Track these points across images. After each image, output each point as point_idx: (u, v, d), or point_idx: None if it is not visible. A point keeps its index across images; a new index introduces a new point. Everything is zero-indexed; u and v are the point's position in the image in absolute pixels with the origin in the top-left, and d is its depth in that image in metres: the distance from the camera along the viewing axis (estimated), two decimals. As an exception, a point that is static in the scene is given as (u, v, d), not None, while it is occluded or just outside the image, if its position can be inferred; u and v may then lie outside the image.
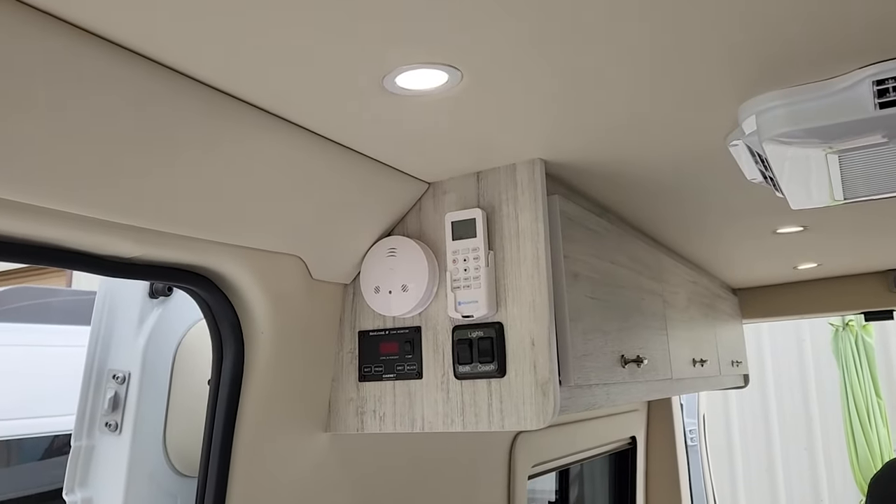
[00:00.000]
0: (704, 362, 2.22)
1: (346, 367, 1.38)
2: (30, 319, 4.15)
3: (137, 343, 1.30)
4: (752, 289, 3.30)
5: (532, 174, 1.26)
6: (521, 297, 1.23)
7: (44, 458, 3.94)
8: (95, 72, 0.78)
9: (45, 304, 4.50)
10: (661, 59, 0.91)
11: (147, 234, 1.00)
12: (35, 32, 0.71)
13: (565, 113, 1.07)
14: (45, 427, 3.88)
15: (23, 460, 3.90)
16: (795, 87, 1.01)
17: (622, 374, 1.50)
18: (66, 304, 4.59)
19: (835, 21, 0.83)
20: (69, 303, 4.64)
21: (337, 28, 0.78)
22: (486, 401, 1.23)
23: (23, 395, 3.78)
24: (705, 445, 3.71)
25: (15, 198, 0.83)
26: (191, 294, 1.18)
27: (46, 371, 3.88)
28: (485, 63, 0.89)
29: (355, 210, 1.27)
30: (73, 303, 4.64)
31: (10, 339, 3.83)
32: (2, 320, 3.95)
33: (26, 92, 0.74)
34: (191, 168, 0.96)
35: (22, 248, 0.92)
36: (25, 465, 3.90)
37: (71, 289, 6.14)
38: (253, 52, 0.82)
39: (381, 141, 1.14)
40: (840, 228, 2.08)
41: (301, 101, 0.97)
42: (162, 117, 0.88)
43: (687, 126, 1.16)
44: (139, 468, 1.27)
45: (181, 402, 1.34)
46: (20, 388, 3.76)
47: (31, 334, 3.99)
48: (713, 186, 1.55)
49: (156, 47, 0.80)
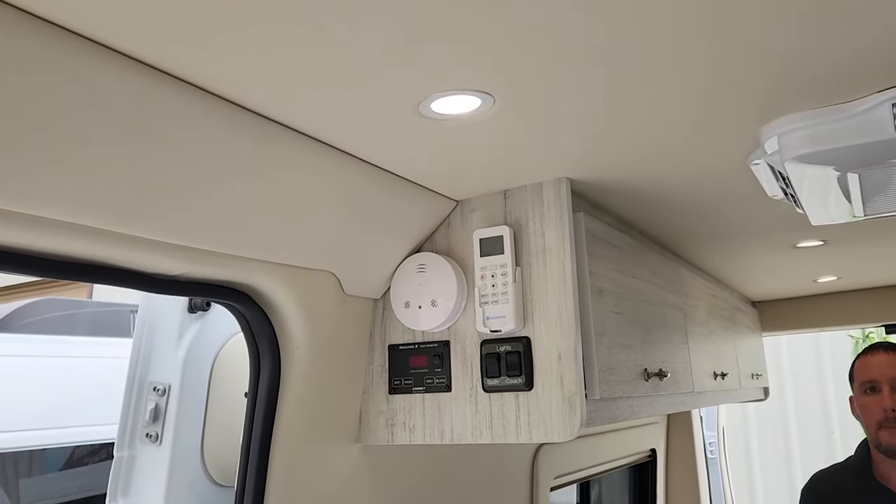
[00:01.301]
0: (725, 375, 2.24)
1: (377, 379, 1.41)
2: (56, 331, 4.22)
3: (177, 356, 1.35)
4: (772, 301, 3.30)
5: (558, 192, 1.30)
6: (548, 313, 1.26)
7: (65, 469, 4.00)
8: (143, 97, 0.82)
9: (71, 316, 4.57)
10: (687, 85, 0.95)
11: (191, 253, 1.05)
12: (98, 67, 0.76)
13: (592, 135, 1.11)
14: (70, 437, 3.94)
15: (46, 470, 3.96)
16: (816, 109, 1.05)
17: (645, 387, 1.53)
18: (91, 316, 4.66)
19: (854, 48, 0.86)
20: (93, 314, 4.71)
21: (379, 59, 0.82)
22: (514, 413, 1.26)
23: (48, 406, 3.84)
24: (725, 458, 3.70)
25: (69, 219, 0.88)
26: (230, 309, 1.23)
27: (73, 382, 3.94)
28: (516, 89, 0.93)
29: (386, 227, 1.31)
30: (96, 314, 4.72)
31: (37, 351, 3.90)
32: (29, 332, 4.02)
33: (88, 124, 0.79)
34: (235, 191, 1.00)
35: (76, 267, 0.97)
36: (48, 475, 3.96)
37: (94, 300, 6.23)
38: (299, 82, 0.87)
39: (412, 161, 1.18)
40: (860, 242, 2.09)
41: (340, 127, 1.01)
42: (213, 145, 0.92)
43: (710, 147, 1.20)
44: (178, 478, 1.31)
45: (217, 413, 1.39)
46: (48, 398, 3.82)
47: (57, 345, 4.05)
48: (734, 203, 1.57)
49: (203, 75, 0.84)
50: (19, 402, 3.67)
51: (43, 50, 0.71)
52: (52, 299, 4.58)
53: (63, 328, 4.28)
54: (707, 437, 3.59)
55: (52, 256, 0.94)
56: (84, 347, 4.14)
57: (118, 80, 0.78)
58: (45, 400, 3.80)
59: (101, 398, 3.94)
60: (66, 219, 0.88)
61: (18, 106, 0.73)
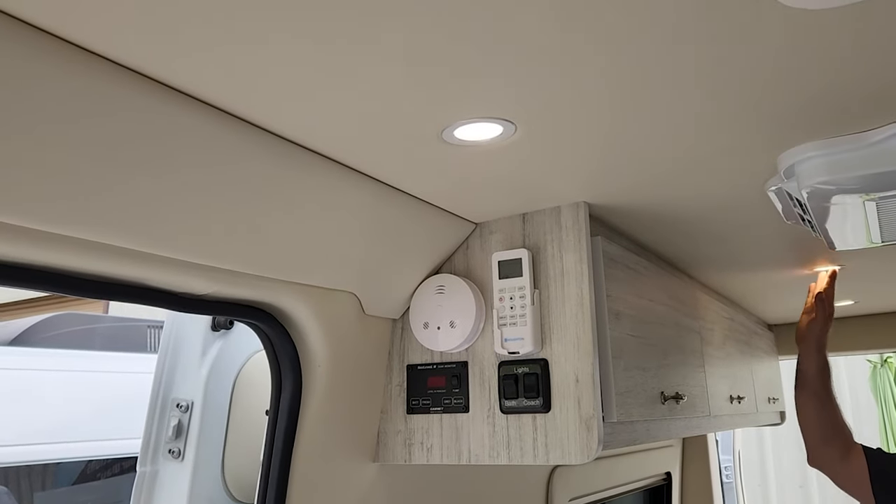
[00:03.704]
0: (742, 399, 2.23)
1: (395, 399, 1.43)
2: (74, 345, 4.26)
3: (200, 373, 1.37)
4: (789, 324, 3.29)
5: (576, 216, 1.32)
6: (566, 335, 1.28)
7: (78, 483, 4.02)
8: (174, 122, 0.85)
9: (88, 331, 4.62)
10: (705, 113, 0.97)
11: (218, 273, 1.07)
12: (121, 87, 0.79)
13: (610, 161, 1.13)
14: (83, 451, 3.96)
15: (59, 484, 3.99)
16: (833, 138, 1.06)
17: (662, 410, 1.53)
18: (108, 330, 4.70)
19: (870, 80, 0.88)
20: (110, 328, 4.76)
21: (405, 88, 0.85)
22: (532, 435, 1.27)
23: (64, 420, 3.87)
24: (741, 482, 3.67)
25: (104, 240, 0.91)
26: (253, 328, 1.25)
27: (89, 396, 3.97)
28: (537, 117, 0.96)
29: (406, 249, 1.34)
30: (114, 328, 4.76)
31: (57, 365, 3.94)
32: (49, 346, 4.07)
33: (121, 149, 0.82)
34: (261, 214, 1.03)
35: (106, 286, 1.00)
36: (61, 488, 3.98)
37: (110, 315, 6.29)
38: (326, 108, 0.89)
39: (434, 185, 1.21)
40: (877, 267, 2.09)
41: (365, 152, 1.04)
42: (241, 169, 0.95)
43: (727, 173, 1.21)
44: (199, 494, 1.33)
45: (239, 430, 1.41)
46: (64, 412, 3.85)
47: (75, 360, 4.09)
48: (750, 227, 1.59)
49: (232, 101, 0.87)
50: (36, 416, 3.71)
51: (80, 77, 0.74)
52: (70, 314, 4.63)
53: (81, 343, 4.32)
54: (723, 461, 3.57)
55: (86, 276, 0.97)
56: (101, 362, 4.18)
57: (149, 106, 0.81)
58: (61, 413, 3.83)
59: (117, 412, 3.97)
60: (102, 240, 0.91)
61: (61, 134, 0.76)
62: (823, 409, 1.83)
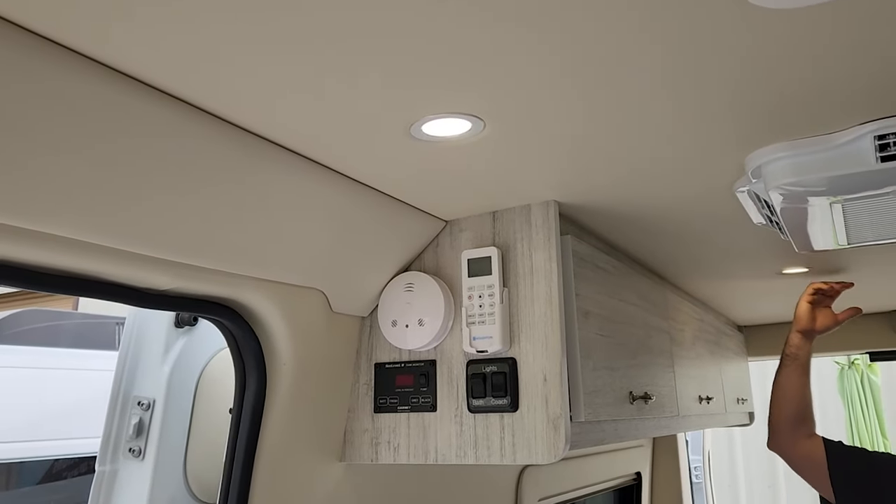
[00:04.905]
0: (710, 399, 2.25)
1: (362, 398, 1.41)
2: (39, 342, 4.18)
3: (162, 371, 1.34)
4: (758, 326, 3.32)
5: (546, 215, 1.31)
6: (534, 334, 1.27)
7: (43, 482, 3.94)
8: (135, 113, 0.83)
9: (55, 328, 4.53)
10: (674, 113, 0.96)
11: (181, 268, 1.05)
12: (86, 80, 0.77)
13: (580, 160, 1.13)
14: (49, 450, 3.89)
15: (24, 483, 3.91)
16: (800, 139, 1.07)
17: (630, 410, 1.53)
18: (75, 327, 4.62)
19: (837, 81, 0.88)
20: (77, 325, 4.68)
21: (371, 82, 0.84)
22: (499, 434, 1.26)
23: (29, 418, 3.80)
24: (710, 482, 3.70)
25: (60, 233, 0.88)
26: (217, 325, 1.23)
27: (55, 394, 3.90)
28: (506, 113, 0.95)
29: (375, 246, 1.32)
30: (81, 325, 4.68)
31: (19, 362, 3.86)
32: (13, 342, 3.99)
33: (77, 138, 0.80)
34: (224, 207, 1.01)
35: (64, 281, 0.97)
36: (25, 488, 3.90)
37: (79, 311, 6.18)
38: (290, 101, 0.88)
39: (402, 181, 1.19)
40: (844, 270, 2.12)
41: (332, 146, 1.02)
42: (202, 161, 0.93)
43: (695, 173, 1.22)
44: (160, 494, 1.30)
45: (202, 429, 1.38)
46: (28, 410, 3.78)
47: (40, 357, 4.01)
48: (720, 228, 1.59)
49: (198, 94, 0.85)
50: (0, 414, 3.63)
51: (17, 58, 0.72)
52: (35, 310, 4.54)
53: (46, 340, 4.24)
54: (692, 462, 3.60)
55: (42, 269, 0.94)
56: (67, 359, 4.10)
57: (107, 93, 0.79)
58: (25, 412, 3.76)
59: (83, 411, 3.90)
60: (58, 233, 0.88)
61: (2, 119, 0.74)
62: (804, 388, 1.90)
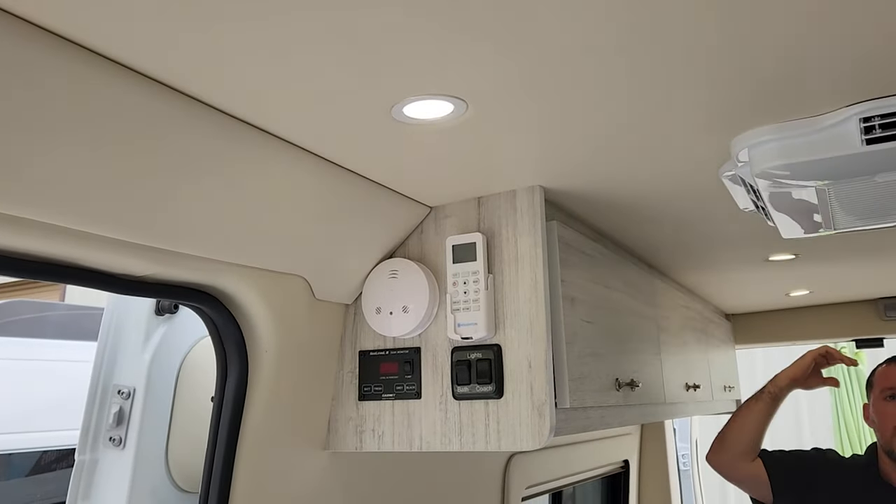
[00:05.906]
0: (697, 387, 2.25)
1: (347, 386, 1.40)
2: (26, 334, 4.15)
3: (143, 359, 1.32)
4: (745, 314, 3.33)
5: (532, 200, 1.30)
6: (519, 321, 1.26)
7: (32, 474, 3.92)
8: (112, 95, 0.81)
9: (41, 319, 4.50)
10: (658, 96, 0.95)
11: (158, 254, 1.03)
12: (52, 56, 0.75)
13: (564, 143, 1.11)
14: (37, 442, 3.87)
15: (12, 475, 3.89)
16: (786, 122, 1.06)
17: (616, 397, 1.53)
18: (61, 319, 4.59)
19: (822, 63, 0.87)
20: (64, 317, 4.64)
21: (351, 62, 0.82)
22: (484, 421, 1.25)
23: (15, 410, 3.77)
24: (698, 470, 3.72)
25: (34, 217, 0.86)
26: (197, 312, 1.21)
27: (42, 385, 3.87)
28: (489, 95, 0.93)
29: (359, 232, 1.31)
30: (67, 317, 4.65)
31: (5, 353, 3.83)
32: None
33: (52, 123, 0.78)
34: (204, 191, 0.99)
35: (38, 266, 0.95)
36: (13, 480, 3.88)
37: (65, 303, 6.14)
38: (268, 83, 0.86)
39: (385, 166, 1.18)
40: (831, 257, 2.12)
41: (312, 129, 1.01)
42: (178, 142, 0.91)
43: (681, 157, 1.20)
44: (141, 483, 1.29)
45: (183, 418, 1.36)
46: (14, 402, 3.75)
47: (26, 348, 3.99)
48: (706, 214, 1.59)
49: (172, 74, 0.83)
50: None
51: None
52: (21, 301, 4.50)
53: (33, 331, 4.21)
54: (680, 449, 3.61)
55: (16, 255, 0.92)
56: (54, 350, 4.08)
57: (82, 77, 0.77)
58: (12, 403, 3.73)
59: (71, 402, 3.87)
60: (31, 217, 0.86)
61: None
62: (765, 425, 2.01)
